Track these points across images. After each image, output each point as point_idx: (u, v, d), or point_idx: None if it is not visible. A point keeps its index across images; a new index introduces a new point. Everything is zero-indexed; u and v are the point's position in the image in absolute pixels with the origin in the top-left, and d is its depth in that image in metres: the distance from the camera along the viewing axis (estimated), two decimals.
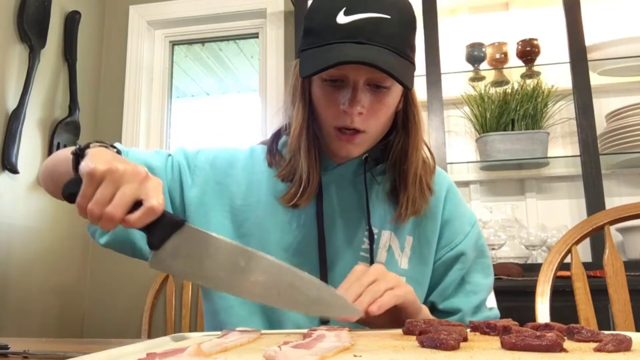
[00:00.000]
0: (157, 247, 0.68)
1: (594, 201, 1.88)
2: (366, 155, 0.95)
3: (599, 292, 1.16)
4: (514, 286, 1.70)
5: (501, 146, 2.05)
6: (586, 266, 1.21)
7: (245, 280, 0.68)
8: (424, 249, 0.96)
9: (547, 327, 0.59)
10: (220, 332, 0.67)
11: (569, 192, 2.17)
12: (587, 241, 1.63)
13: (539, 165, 2.16)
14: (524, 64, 2.14)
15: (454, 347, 0.50)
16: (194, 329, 1.88)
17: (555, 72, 2.13)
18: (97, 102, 2.56)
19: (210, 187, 0.95)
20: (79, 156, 0.74)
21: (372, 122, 0.86)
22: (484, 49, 2.16)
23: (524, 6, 2.33)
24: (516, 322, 0.63)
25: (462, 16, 2.38)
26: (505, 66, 2.17)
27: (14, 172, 1.99)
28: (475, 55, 2.16)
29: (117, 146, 0.94)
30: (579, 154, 1.95)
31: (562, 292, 1.31)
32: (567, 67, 2.01)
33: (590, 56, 2.01)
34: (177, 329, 1.87)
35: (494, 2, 2.37)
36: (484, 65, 2.18)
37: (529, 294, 1.23)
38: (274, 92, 2.42)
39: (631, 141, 1.94)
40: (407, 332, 0.64)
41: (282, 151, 0.97)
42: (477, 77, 2.23)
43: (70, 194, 0.68)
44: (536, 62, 2.13)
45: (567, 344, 0.52)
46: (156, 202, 0.66)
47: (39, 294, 2.13)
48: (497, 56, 2.15)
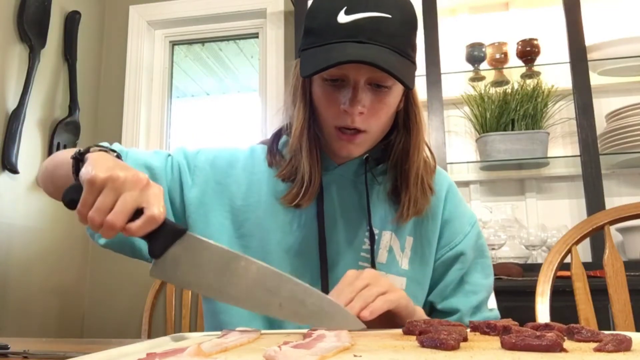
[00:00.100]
0: (158, 256, 0.67)
1: (594, 201, 1.88)
2: (367, 155, 0.94)
3: (599, 292, 1.16)
4: (514, 286, 1.70)
5: (501, 146, 2.05)
6: (586, 266, 1.21)
7: (246, 290, 0.68)
8: (424, 249, 0.96)
9: (547, 327, 0.59)
10: (220, 332, 0.67)
11: (569, 192, 2.17)
12: (587, 241, 1.63)
13: (539, 165, 2.16)
14: (524, 64, 2.14)
15: (454, 347, 0.50)
16: (194, 329, 1.88)
17: (555, 72, 2.13)
18: (97, 102, 2.56)
19: (210, 187, 0.95)
20: (79, 160, 0.74)
21: (373, 122, 0.85)
22: (484, 49, 2.16)
23: (524, 6, 2.33)
24: (516, 322, 0.63)
25: (462, 16, 2.38)
26: (505, 66, 2.17)
27: (14, 172, 1.99)
28: (475, 55, 2.16)
29: (117, 147, 0.94)
30: (579, 154, 1.95)
31: (562, 292, 1.31)
32: (567, 67, 2.01)
33: (590, 56, 2.01)
34: (177, 329, 1.87)
35: (494, 2, 2.37)
36: (484, 65, 2.18)
37: (529, 294, 1.23)
38: (274, 92, 2.42)
39: (631, 141, 1.94)
40: (407, 332, 0.64)
41: (283, 151, 0.97)
42: (477, 77, 2.23)
43: (70, 200, 0.68)
44: (536, 62, 2.13)
45: (567, 344, 0.52)
46: (157, 210, 0.65)
47: (39, 294, 2.13)
48: (497, 56, 2.15)
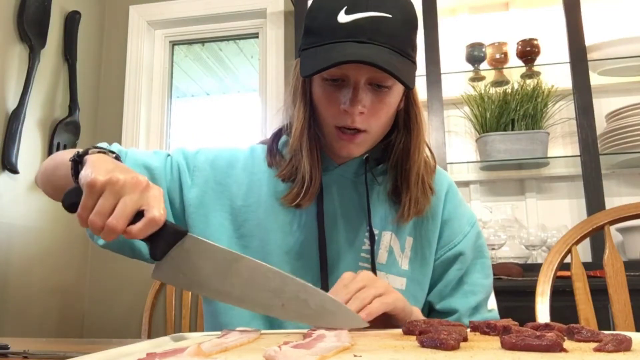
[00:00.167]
0: (159, 258, 0.67)
1: (594, 201, 1.88)
2: (367, 155, 0.94)
3: (599, 292, 1.16)
4: (514, 286, 1.70)
5: (501, 146, 2.05)
6: (586, 266, 1.21)
7: (248, 291, 0.68)
8: (424, 250, 0.96)
9: (547, 327, 0.59)
10: (220, 332, 0.67)
11: (569, 192, 2.17)
12: (587, 241, 1.63)
13: (539, 165, 2.16)
14: (524, 64, 2.14)
15: (454, 347, 0.50)
16: (194, 329, 1.88)
17: (555, 72, 2.12)
18: (97, 102, 2.56)
19: (210, 188, 0.95)
20: (78, 163, 0.74)
21: (373, 122, 0.85)
22: (484, 49, 2.16)
23: (524, 6, 2.33)
24: (516, 322, 0.63)
25: (462, 16, 2.38)
26: (505, 66, 2.17)
27: (14, 172, 1.99)
28: (475, 55, 2.16)
29: (115, 148, 0.94)
30: (579, 154, 1.95)
31: (562, 292, 1.31)
32: (567, 67, 2.01)
33: (590, 56, 2.01)
34: (177, 329, 1.87)
35: (494, 2, 2.37)
36: (484, 65, 2.18)
37: (529, 294, 1.23)
38: (274, 92, 2.42)
39: (631, 141, 1.94)
40: (407, 332, 0.64)
41: (283, 151, 0.97)
42: (477, 77, 2.23)
43: (70, 204, 0.68)
44: (536, 62, 2.13)
45: (567, 344, 0.52)
46: (158, 212, 0.65)
47: (39, 294, 2.13)
48: (497, 56, 2.15)
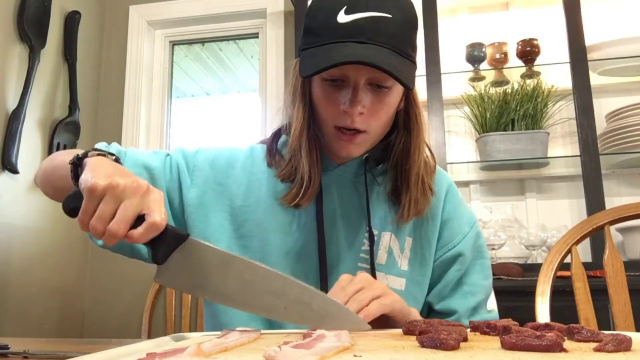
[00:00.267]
0: (161, 262, 0.67)
1: (594, 201, 1.88)
2: (367, 155, 0.94)
3: (599, 292, 1.16)
4: (514, 286, 1.70)
5: (501, 146, 2.05)
6: (586, 266, 1.21)
7: (251, 294, 0.68)
8: (424, 250, 0.95)
9: (547, 327, 0.59)
10: (220, 332, 0.67)
11: (569, 192, 2.17)
12: (587, 241, 1.63)
13: (539, 165, 2.16)
14: (524, 64, 2.14)
15: (454, 347, 0.50)
16: (194, 329, 1.88)
17: (555, 72, 2.12)
18: (97, 102, 2.56)
19: (209, 188, 0.95)
20: (78, 165, 0.74)
21: (373, 122, 0.85)
22: (484, 49, 2.16)
23: (524, 6, 2.33)
24: (516, 322, 0.62)
25: (462, 16, 2.38)
26: (505, 66, 2.17)
27: (14, 172, 1.99)
28: (475, 55, 2.16)
29: (115, 148, 0.94)
30: (579, 154, 1.95)
31: (562, 292, 1.31)
32: (567, 67, 2.01)
33: (590, 56, 2.01)
34: (177, 329, 1.87)
35: (494, 2, 2.37)
36: (484, 65, 2.18)
37: (529, 294, 1.23)
38: (274, 92, 2.42)
39: (631, 141, 1.94)
40: (407, 332, 0.64)
41: (282, 151, 0.97)
42: (477, 77, 2.23)
43: (71, 209, 0.68)
44: (536, 62, 2.13)
45: (567, 344, 0.51)
46: (159, 217, 0.65)
47: (39, 294, 2.13)
48: (497, 56, 2.15)
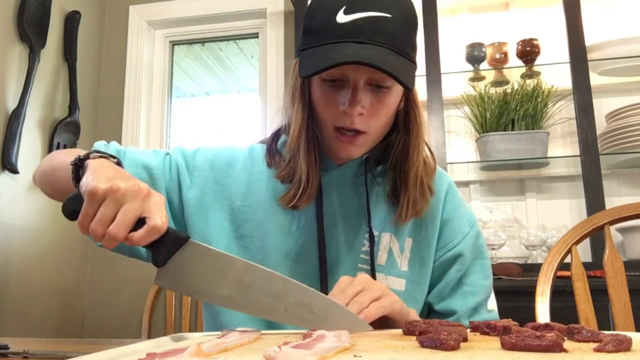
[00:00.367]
0: (161, 265, 0.68)
1: (594, 201, 1.88)
2: (367, 155, 0.94)
3: (599, 292, 1.16)
4: (514, 286, 1.70)
5: (501, 146, 2.05)
6: (586, 266, 1.21)
7: (251, 297, 0.68)
8: (423, 251, 0.95)
9: (547, 327, 0.59)
10: (220, 332, 0.67)
11: (569, 192, 2.17)
12: (587, 241, 1.63)
13: (539, 165, 2.16)
14: (524, 64, 2.14)
15: (454, 347, 0.50)
16: (194, 329, 1.88)
17: (555, 72, 2.12)
18: (97, 102, 2.56)
19: (209, 188, 0.94)
20: (79, 167, 0.74)
21: (372, 123, 0.85)
22: (484, 49, 2.16)
23: (524, 6, 2.33)
24: (516, 322, 0.62)
25: (462, 16, 2.38)
26: (505, 66, 2.17)
27: (14, 172, 1.98)
28: (475, 55, 2.16)
29: (114, 148, 0.94)
30: (579, 154, 1.95)
31: (562, 292, 1.31)
32: (567, 67, 2.01)
33: (590, 56, 2.01)
34: (177, 329, 1.87)
35: (494, 2, 2.37)
36: (484, 65, 2.18)
37: (529, 294, 1.23)
38: (274, 92, 2.42)
39: (631, 141, 1.94)
40: (407, 332, 0.64)
41: (282, 151, 0.96)
42: (477, 77, 2.23)
43: (71, 212, 0.68)
44: (536, 62, 2.13)
45: (567, 344, 0.51)
46: (160, 220, 0.65)
47: (39, 294, 2.13)
48: (497, 56, 2.15)
